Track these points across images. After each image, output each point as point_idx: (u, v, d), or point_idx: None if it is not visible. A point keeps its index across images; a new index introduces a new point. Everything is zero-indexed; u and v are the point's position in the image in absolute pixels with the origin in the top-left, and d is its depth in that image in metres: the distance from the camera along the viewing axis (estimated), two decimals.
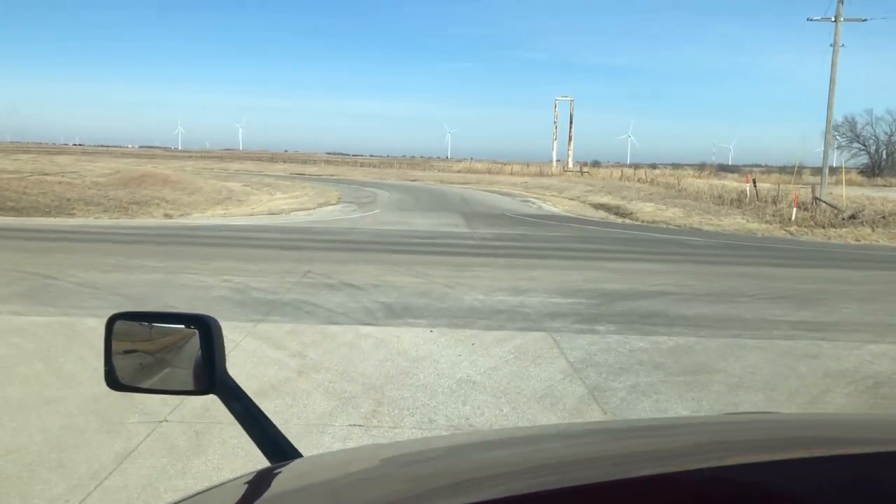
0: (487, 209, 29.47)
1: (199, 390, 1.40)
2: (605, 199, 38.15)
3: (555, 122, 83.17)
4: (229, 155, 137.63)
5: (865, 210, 25.61)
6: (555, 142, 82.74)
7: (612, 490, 0.84)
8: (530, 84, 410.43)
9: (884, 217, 24.84)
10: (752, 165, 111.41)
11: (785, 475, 0.86)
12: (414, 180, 61.04)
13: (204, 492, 1.12)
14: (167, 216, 23.70)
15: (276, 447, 1.34)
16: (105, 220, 19.99)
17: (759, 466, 0.90)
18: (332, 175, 68.62)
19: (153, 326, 1.49)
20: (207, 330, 1.38)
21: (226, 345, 1.43)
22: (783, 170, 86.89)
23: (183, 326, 1.42)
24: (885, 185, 60.54)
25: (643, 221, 26.83)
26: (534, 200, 37.38)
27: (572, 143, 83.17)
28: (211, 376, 1.36)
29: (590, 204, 36.05)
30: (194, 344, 1.38)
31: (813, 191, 28.39)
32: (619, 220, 26.87)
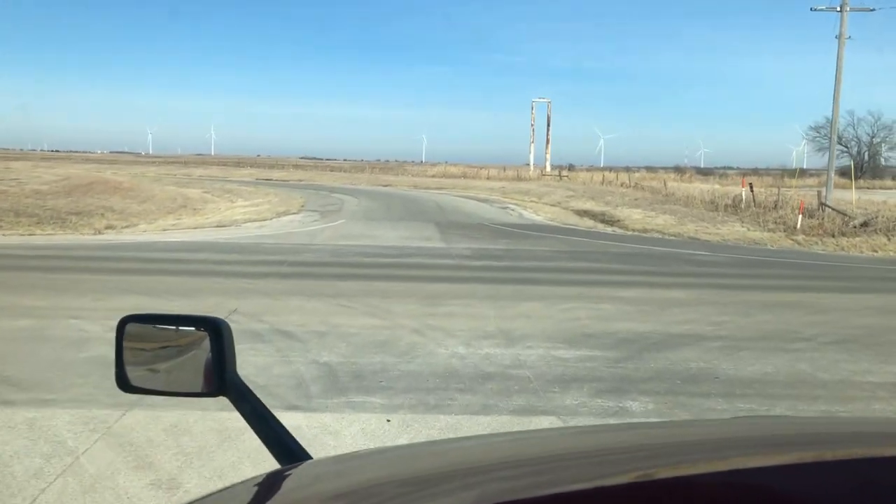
0: (464, 218, 26.88)
1: (209, 392, 1.40)
2: (588, 205, 35.72)
3: (532, 125, 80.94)
4: (199, 160, 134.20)
5: (879, 217, 23.38)
6: (532, 145, 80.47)
7: (625, 492, 0.84)
8: (506, 87, 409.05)
9: None
10: (724, 168, 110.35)
11: (796, 478, 0.86)
12: (386, 186, 58.26)
13: (214, 494, 1.11)
14: (109, 227, 20.88)
15: (286, 449, 1.33)
16: (12, 238, 17.05)
17: (771, 469, 0.91)
18: (301, 180, 65.65)
19: (164, 329, 1.49)
20: (218, 332, 1.37)
21: (60, 457, 0.62)
22: (756, 171, 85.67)
23: (193, 329, 1.42)
24: (867, 188, 59.17)
25: (634, 230, 24.39)
26: (513, 207, 34.86)
27: (550, 146, 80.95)
28: (221, 378, 1.37)
29: (573, 210, 33.60)
30: (205, 346, 1.38)
31: (819, 196, 26.15)
32: (609, 230, 24.41)
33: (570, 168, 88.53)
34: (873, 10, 24.41)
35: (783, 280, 13.20)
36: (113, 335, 1.45)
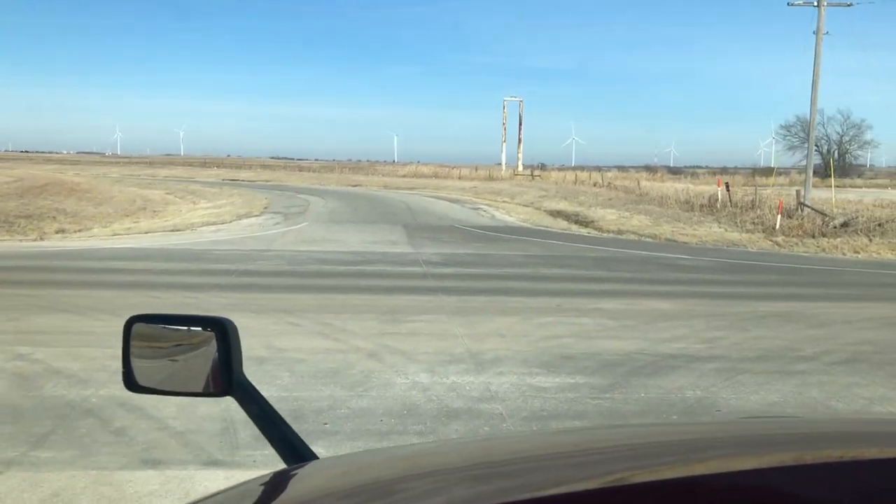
0: (434, 220, 25.86)
1: (216, 392, 1.41)
2: (561, 206, 34.92)
3: (503, 124, 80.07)
4: (167, 161, 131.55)
5: (859, 217, 22.80)
6: (504, 144, 79.67)
7: (626, 493, 0.84)
8: (478, 87, 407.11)
9: (880, 225, 22.05)
10: (693, 167, 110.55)
11: (796, 479, 0.86)
12: (356, 186, 57.04)
13: (220, 493, 1.11)
14: (60, 231, 19.61)
15: (292, 449, 1.34)
16: None
17: (771, 470, 0.91)
18: (268, 181, 64.18)
19: (171, 329, 1.49)
20: (224, 332, 1.37)
21: None
22: (725, 170, 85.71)
23: (200, 329, 1.42)
24: (838, 186, 59.31)
25: (609, 232, 23.57)
26: (485, 208, 33.92)
27: (522, 145, 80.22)
28: (227, 378, 1.37)
29: (546, 211, 32.76)
30: (211, 346, 1.38)
31: (798, 196, 25.54)
32: (584, 231, 23.56)
33: (542, 167, 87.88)
34: (850, 4, 23.81)
35: (772, 287, 12.38)
36: (26, 365, 1.30)
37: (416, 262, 14.15)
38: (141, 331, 1.46)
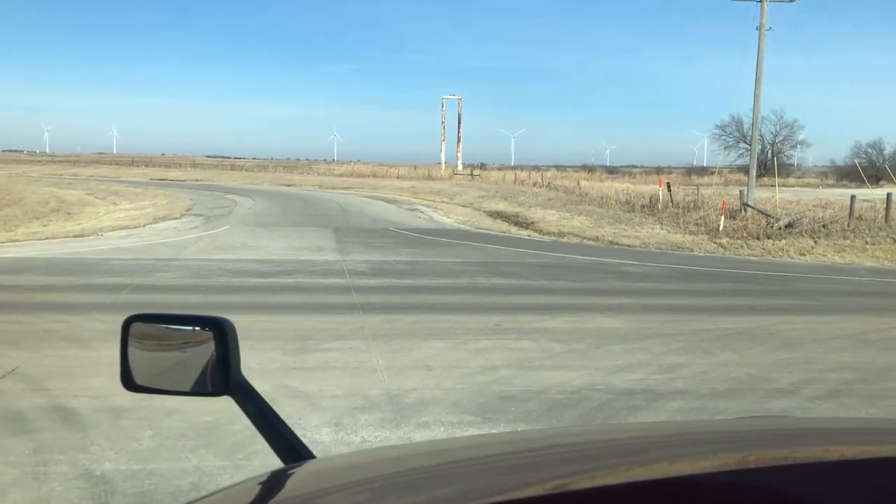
0: (368, 222, 24.42)
1: (214, 392, 1.40)
2: (501, 206, 33.89)
3: (442, 123, 78.91)
4: (95, 159, 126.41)
5: (804, 218, 22.30)
6: (443, 143, 78.51)
7: (626, 492, 0.83)
8: (418, 86, 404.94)
9: (825, 226, 21.56)
10: (629, 166, 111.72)
11: (796, 478, 0.86)
12: (290, 186, 55.06)
13: (218, 492, 1.11)
14: None
15: (290, 448, 1.33)
16: None
17: (771, 470, 0.92)
18: (198, 180, 61.60)
19: (169, 328, 1.49)
20: (222, 332, 1.37)
21: None
22: (660, 170, 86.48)
23: (198, 328, 1.41)
24: (771, 185, 60.10)
25: (550, 233, 22.58)
26: (423, 209, 32.61)
27: (461, 144, 79.14)
28: (225, 378, 1.36)
29: (485, 212, 31.67)
30: (209, 346, 1.37)
31: (741, 196, 24.96)
32: (524, 234, 22.49)
33: (482, 167, 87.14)
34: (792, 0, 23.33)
35: (727, 298, 11.40)
36: None
37: (341, 272, 12.73)
38: (139, 330, 1.44)
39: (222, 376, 1.36)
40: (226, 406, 5.50)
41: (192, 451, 4.71)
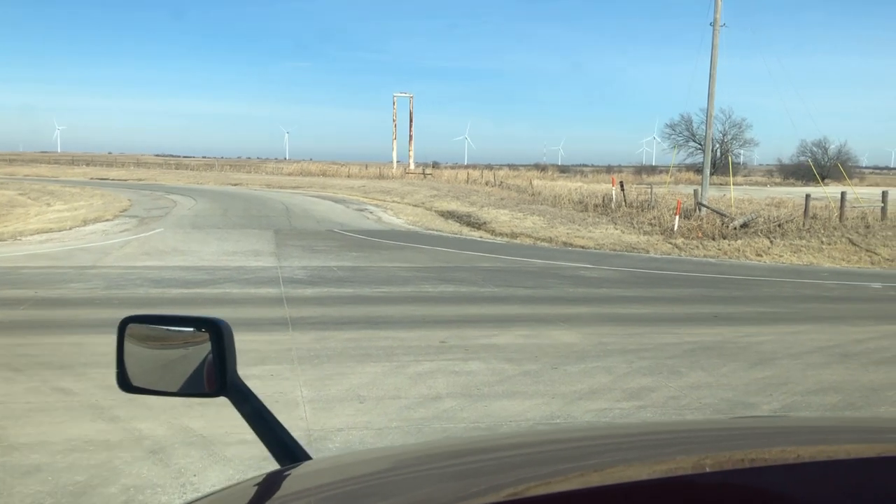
0: (312, 224, 23.29)
1: (210, 393, 1.39)
2: (453, 206, 33.04)
3: (394, 121, 77.61)
4: (35, 158, 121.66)
5: (759, 217, 21.92)
6: (395, 141, 77.24)
7: (624, 491, 0.82)
8: (371, 85, 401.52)
9: (780, 225, 21.20)
10: (580, 165, 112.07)
11: (796, 478, 0.85)
12: (236, 185, 53.35)
13: (214, 493, 1.11)
14: None
15: (286, 449, 1.32)
16: None
17: (770, 469, 0.91)
18: (140, 180, 59.45)
19: (165, 329, 1.48)
20: (219, 333, 1.36)
21: None
22: (610, 169, 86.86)
23: (194, 329, 1.41)
24: (721, 184, 60.56)
25: (502, 235, 21.81)
26: (372, 209, 31.55)
27: (413, 142, 78.03)
28: (222, 379, 1.35)
29: (437, 212, 30.78)
30: (205, 347, 1.37)
31: (695, 195, 24.50)
32: (476, 235, 21.66)
33: (435, 166, 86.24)
34: None
35: (690, 305, 10.69)
36: None
37: (275, 280, 11.68)
38: (135, 331, 1.43)
39: (219, 377, 1.34)
40: (105, 461, 4.50)
41: None
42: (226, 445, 4.79)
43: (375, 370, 6.68)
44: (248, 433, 4.28)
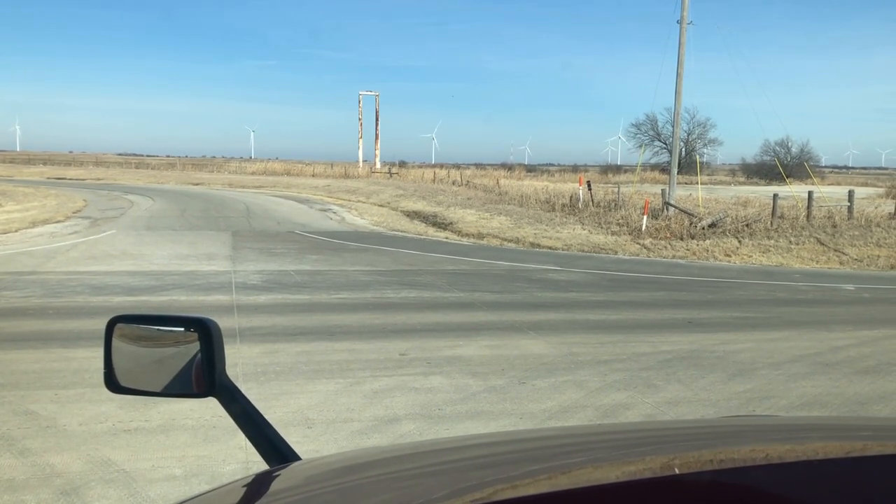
0: (273, 225, 22.59)
1: (199, 393, 1.37)
2: (419, 206, 32.49)
3: (360, 119, 76.79)
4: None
5: (727, 217, 21.72)
6: (360, 140, 76.42)
7: (614, 492, 0.81)
8: (337, 84, 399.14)
9: (748, 225, 21.03)
10: (547, 164, 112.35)
11: (789, 478, 0.84)
12: (198, 184, 52.19)
13: (202, 495, 1.07)
14: None
15: (275, 450, 1.31)
16: None
17: (763, 469, 0.90)
18: (99, 179, 57.91)
19: (153, 329, 1.46)
20: (208, 333, 1.34)
21: None
22: (576, 168, 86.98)
23: (183, 329, 1.39)
24: (686, 183, 60.85)
25: (469, 235, 21.34)
26: (336, 209, 30.87)
27: (379, 141, 77.28)
28: (210, 379, 1.33)
29: (402, 212, 30.22)
30: (194, 346, 1.35)
31: (663, 195, 24.26)
32: (442, 236, 21.15)
33: (402, 165, 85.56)
34: None
35: (663, 310, 10.28)
36: None
37: (228, 286, 11.04)
38: (123, 331, 1.42)
39: (207, 377, 1.33)
40: None
41: None
42: (150, 483, 4.19)
43: (328, 388, 6.12)
44: (177, 467, 3.69)
